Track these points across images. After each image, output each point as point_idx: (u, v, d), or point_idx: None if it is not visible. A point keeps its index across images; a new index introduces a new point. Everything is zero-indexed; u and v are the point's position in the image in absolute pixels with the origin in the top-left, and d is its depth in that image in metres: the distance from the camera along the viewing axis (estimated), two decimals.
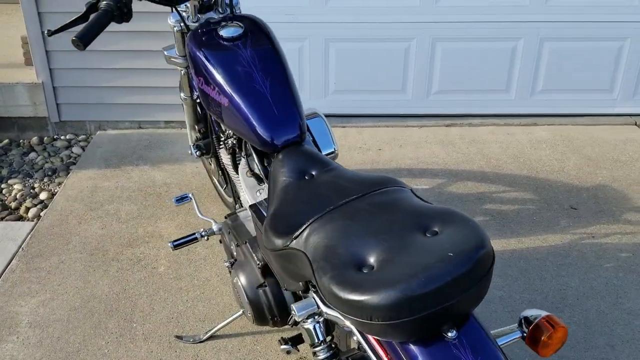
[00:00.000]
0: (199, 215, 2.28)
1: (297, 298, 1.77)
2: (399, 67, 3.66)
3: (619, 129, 3.69)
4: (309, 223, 1.31)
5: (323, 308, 1.32)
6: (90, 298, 2.34)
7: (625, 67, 3.69)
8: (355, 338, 1.26)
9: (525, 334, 1.19)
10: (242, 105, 1.70)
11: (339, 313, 1.16)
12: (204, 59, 1.80)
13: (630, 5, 3.50)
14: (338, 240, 1.22)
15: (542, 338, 1.17)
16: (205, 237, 2.16)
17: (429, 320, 1.06)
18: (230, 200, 2.74)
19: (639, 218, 2.80)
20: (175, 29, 2.10)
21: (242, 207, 2.18)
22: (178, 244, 2.15)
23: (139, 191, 3.04)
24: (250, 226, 1.96)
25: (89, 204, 2.93)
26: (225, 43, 1.80)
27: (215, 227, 2.17)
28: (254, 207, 1.69)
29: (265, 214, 1.65)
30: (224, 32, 1.81)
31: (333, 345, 1.36)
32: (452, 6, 3.49)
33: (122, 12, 1.71)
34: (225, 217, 2.09)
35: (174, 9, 2.01)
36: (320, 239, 1.24)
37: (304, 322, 1.35)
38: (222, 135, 2.07)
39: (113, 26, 2.39)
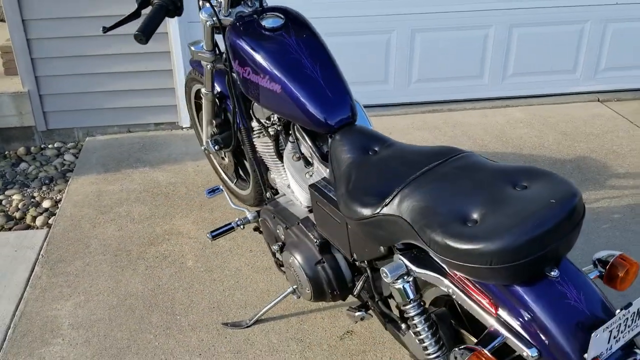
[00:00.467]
0: (232, 205, 2.35)
1: (355, 271, 1.88)
2: (381, 59, 3.81)
3: (585, 106, 3.98)
4: (398, 190, 1.42)
5: (414, 268, 1.44)
6: (127, 296, 2.36)
7: (586, 48, 3.98)
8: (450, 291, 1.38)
9: (602, 273, 1.34)
10: (297, 90, 1.79)
11: (447, 263, 1.28)
12: (250, 50, 1.88)
13: None
14: (435, 201, 1.34)
15: (620, 274, 1.33)
16: (242, 226, 2.24)
17: (539, 261, 1.20)
18: (244, 192, 2.81)
19: (620, 183, 3.06)
20: (208, 23, 2.15)
21: (278, 194, 2.26)
22: (216, 235, 2.22)
23: (146, 192, 3.06)
24: (296, 209, 2.06)
25: (98, 208, 2.93)
26: (269, 33, 1.88)
27: (250, 216, 2.25)
28: (314, 187, 1.79)
29: (327, 192, 1.75)
30: (266, 23, 1.90)
31: (422, 303, 1.48)
32: None
33: (175, 6, 1.78)
34: (265, 204, 2.18)
35: (207, 3, 2.07)
36: (416, 202, 1.36)
37: (394, 283, 1.46)
38: (257, 125, 2.14)
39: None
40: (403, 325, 1.65)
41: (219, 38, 2.17)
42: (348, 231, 1.68)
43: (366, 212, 1.47)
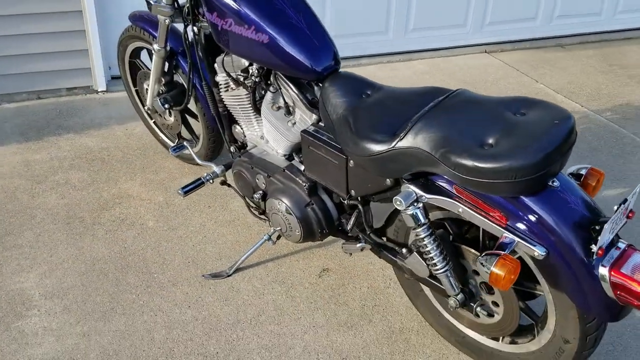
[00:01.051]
0: (199, 161, 2.38)
1: (340, 210, 2.03)
2: None
3: (476, 57, 4.39)
4: (411, 125, 1.58)
5: (424, 194, 1.62)
6: (94, 261, 2.31)
7: (474, 4, 4.35)
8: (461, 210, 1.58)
9: (578, 183, 1.61)
10: (285, 40, 1.86)
11: (470, 183, 1.47)
12: (233, 2, 1.90)
13: None
14: (451, 131, 1.51)
15: (592, 184, 1.60)
16: (211, 180, 2.29)
17: (547, 174, 1.43)
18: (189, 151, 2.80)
19: None
20: None
21: (243, 148, 2.33)
22: (187, 190, 2.25)
23: (79, 159, 2.94)
24: (273, 158, 2.14)
25: (32, 178, 2.77)
26: None
27: (218, 170, 2.30)
28: (306, 132, 1.89)
29: (321, 136, 1.86)
30: None
31: (430, 226, 1.66)
32: None
33: None
34: (239, 157, 2.24)
35: None
36: (433, 133, 1.53)
37: (406, 209, 1.64)
38: (225, 78, 2.16)
39: None
40: (404, 250, 1.83)
41: None
42: (347, 170, 1.81)
43: (380, 148, 1.61)
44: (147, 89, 2.75)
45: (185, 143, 2.48)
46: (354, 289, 2.23)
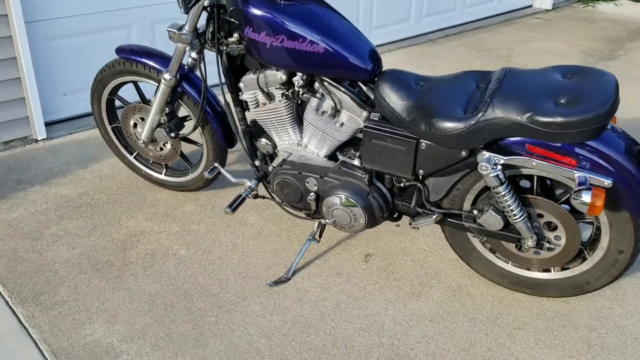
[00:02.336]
0: (232, 180, 2.46)
1: (399, 190, 2.27)
2: None
3: None
4: (489, 100, 1.89)
5: (503, 157, 1.94)
6: (152, 297, 2.28)
7: (362, 11, 4.82)
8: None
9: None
10: (340, 48, 2.06)
11: (555, 136, 1.81)
12: (284, 20, 2.05)
13: None
14: (525, 99, 1.85)
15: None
16: (250, 195, 2.39)
17: (609, 120, 1.83)
18: (182, 179, 2.83)
19: None
20: (206, 3, 2.18)
21: (271, 159, 2.46)
22: (234, 207, 2.34)
23: (64, 208, 2.79)
24: (316, 161, 2.32)
25: (26, 236, 2.59)
26: (289, 2, 2.08)
27: (252, 184, 2.41)
28: (369, 128, 2.11)
29: (385, 127, 2.09)
30: None
31: (510, 185, 1.99)
32: None
33: None
34: (273, 168, 2.36)
35: None
36: (512, 103, 1.85)
37: (489, 173, 1.95)
38: (253, 95, 2.28)
39: None
40: (474, 211, 2.13)
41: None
42: (417, 152, 2.07)
43: (465, 123, 1.90)
44: (134, 124, 2.73)
45: (216, 164, 2.52)
46: (402, 265, 2.48)
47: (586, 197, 1.80)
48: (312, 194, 2.31)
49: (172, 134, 2.61)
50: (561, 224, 2.07)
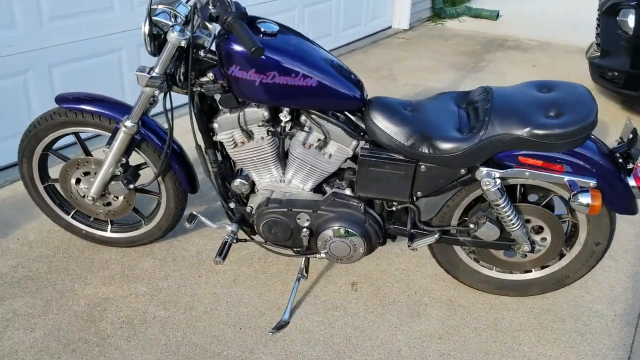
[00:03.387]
0: (214, 226, 2.32)
1: (388, 214, 2.30)
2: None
3: None
4: (487, 119, 1.99)
5: (501, 172, 2.06)
6: (159, 358, 2.05)
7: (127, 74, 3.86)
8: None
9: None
10: (331, 79, 2.02)
11: (549, 147, 1.96)
12: (273, 54, 1.97)
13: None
14: (520, 114, 1.97)
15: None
16: (234, 240, 2.28)
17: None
18: (134, 233, 2.62)
19: None
20: (182, 43, 2.01)
21: (245, 201, 2.36)
22: (224, 256, 2.21)
23: (1, 287, 2.42)
24: (303, 195, 2.27)
25: None
26: (279, 36, 2.02)
27: (234, 227, 2.31)
28: (363, 156, 2.11)
29: (380, 154, 2.11)
30: (265, 28, 2.01)
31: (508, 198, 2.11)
32: None
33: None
34: (253, 209, 2.27)
35: (180, 23, 1.99)
36: (511, 120, 1.96)
37: (490, 188, 2.05)
38: (229, 136, 2.17)
39: None
40: (471, 225, 2.22)
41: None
42: (415, 174, 2.11)
43: (469, 143, 1.98)
44: (77, 179, 2.45)
45: (194, 212, 2.33)
46: (390, 288, 2.50)
47: (586, 199, 1.98)
48: (304, 230, 2.25)
49: (131, 186, 2.38)
50: (548, 226, 2.23)
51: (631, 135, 2.07)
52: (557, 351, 2.20)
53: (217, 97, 2.24)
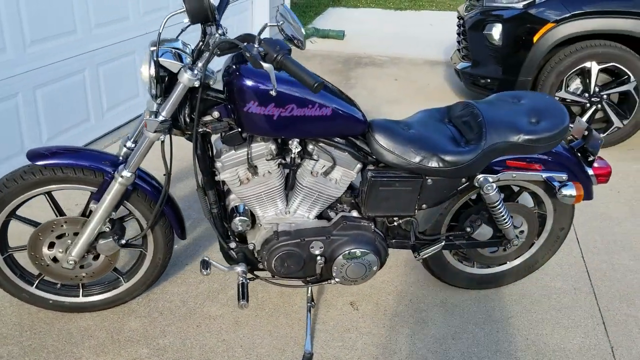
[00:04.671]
0: (225, 269, 2.25)
1: (387, 229, 2.40)
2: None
3: None
4: (484, 130, 2.18)
5: (495, 177, 2.28)
6: None
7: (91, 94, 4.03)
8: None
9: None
10: (343, 107, 2.07)
11: (535, 149, 2.21)
12: (290, 88, 1.97)
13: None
14: (510, 123, 2.20)
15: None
16: (247, 280, 2.24)
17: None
18: (113, 293, 2.41)
19: None
20: (196, 84, 1.89)
21: (244, 240, 2.32)
22: (247, 296, 2.16)
23: None
24: (309, 224, 2.29)
25: None
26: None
27: (243, 268, 2.27)
28: (373, 177, 2.18)
29: (387, 173, 2.20)
30: None
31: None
32: None
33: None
34: (266, 243, 2.24)
35: (193, 63, 1.88)
36: (504, 129, 2.17)
37: (490, 192, 2.26)
38: (233, 174, 2.12)
39: None
40: (467, 229, 2.40)
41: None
42: (422, 189, 2.24)
43: (473, 154, 2.16)
44: (50, 244, 2.19)
45: (206, 257, 2.19)
46: (386, 301, 2.60)
47: (571, 191, 2.27)
48: (318, 257, 2.25)
49: (122, 242, 2.19)
50: (526, 220, 2.50)
51: (586, 132, 2.41)
52: (549, 329, 2.48)
53: (214, 137, 2.17)
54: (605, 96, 4.31)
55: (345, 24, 8.67)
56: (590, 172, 2.42)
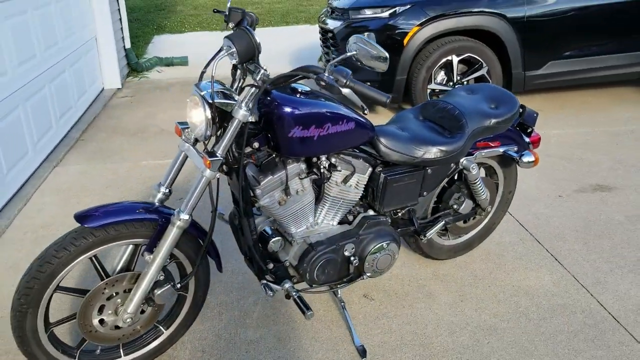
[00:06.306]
0: (279, 288, 2.37)
1: (394, 221, 2.72)
2: None
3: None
4: (464, 119, 2.59)
5: (472, 157, 2.71)
6: None
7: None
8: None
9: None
10: (360, 118, 2.31)
11: (499, 129, 2.69)
12: (322, 110, 2.17)
13: None
14: (478, 111, 2.64)
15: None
16: (298, 292, 2.41)
17: None
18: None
19: None
20: (251, 119, 1.98)
21: (279, 260, 2.46)
22: (308, 306, 2.32)
23: None
24: (334, 230, 2.50)
25: None
26: (315, 93, 2.22)
27: (289, 284, 2.41)
28: (387, 176, 2.47)
29: (396, 170, 2.51)
30: (301, 89, 2.19)
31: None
32: None
33: None
34: (305, 256, 2.41)
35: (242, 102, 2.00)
36: (475, 115, 2.61)
37: (473, 171, 2.69)
38: (270, 198, 2.25)
39: None
40: (455, 206, 2.80)
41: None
42: (424, 177, 2.59)
43: (461, 141, 2.55)
44: (101, 307, 2.14)
45: (264, 281, 2.26)
46: (391, 287, 2.90)
47: (530, 158, 2.79)
48: (352, 258, 2.48)
49: (178, 286, 2.20)
50: (489, 190, 2.98)
51: (521, 110, 2.96)
52: (522, 274, 2.99)
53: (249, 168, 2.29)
54: (465, 82, 5.06)
55: (181, 50, 8.69)
56: (528, 140, 2.98)
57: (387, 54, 2.06)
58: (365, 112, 2.07)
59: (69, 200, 3.87)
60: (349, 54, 2.09)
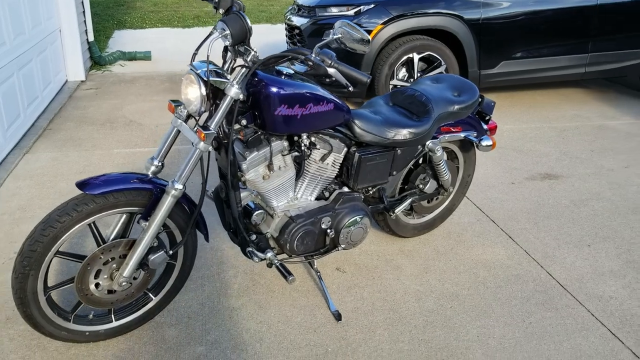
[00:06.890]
0: (262, 256, 2.55)
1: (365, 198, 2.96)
2: None
3: None
4: (431, 105, 2.84)
5: (437, 140, 2.97)
6: None
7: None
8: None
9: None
10: (337, 100, 2.52)
11: (461, 115, 2.96)
12: (305, 91, 2.36)
13: None
14: (443, 98, 2.89)
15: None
16: (279, 260, 2.61)
17: None
18: None
19: None
20: (241, 97, 2.15)
21: (261, 232, 2.65)
22: (289, 271, 2.53)
23: None
24: (312, 204, 2.72)
25: None
26: (298, 76, 2.41)
27: (271, 253, 2.60)
28: (361, 155, 2.69)
29: (370, 150, 2.74)
30: (286, 71, 2.39)
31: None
32: None
33: None
34: (286, 228, 2.61)
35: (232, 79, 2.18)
36: (441, 101, 2.86)
37: (438, 153, 2.95)
38: (255, 173, 2.43)
39: None
40: (420, 186, 3.05)
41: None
42: (394, 158, 2.82)
43: (429, 124, 2.80)
44: (97, 271, 2.28)
45: (250, 248, 2.43)
46: (361, 261, 3.13)
47: (489, 142, 3.06)
48: (329, 230, 2.69)
49: (170, 253, 2.36)
50: (451, 172, 3.25)
51: (480, 99, 3.24)
52: (480, 250, 3.27)
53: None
54: None
55: (143, 45, 8.73)
56: (486, 127, 3.26)
57: (369, 37, 2.27)
58: (350, 89, 2.28)
59: (43, 184, 3.95)
60: (333, 37, 2.29)
